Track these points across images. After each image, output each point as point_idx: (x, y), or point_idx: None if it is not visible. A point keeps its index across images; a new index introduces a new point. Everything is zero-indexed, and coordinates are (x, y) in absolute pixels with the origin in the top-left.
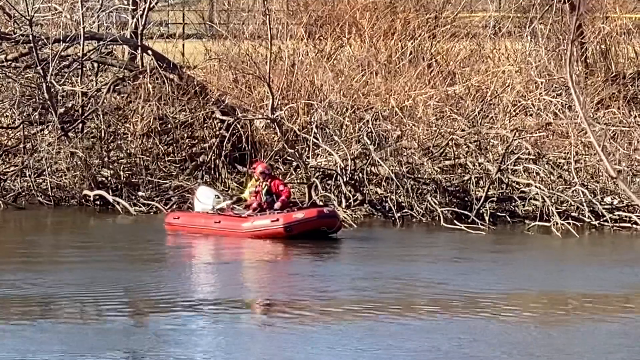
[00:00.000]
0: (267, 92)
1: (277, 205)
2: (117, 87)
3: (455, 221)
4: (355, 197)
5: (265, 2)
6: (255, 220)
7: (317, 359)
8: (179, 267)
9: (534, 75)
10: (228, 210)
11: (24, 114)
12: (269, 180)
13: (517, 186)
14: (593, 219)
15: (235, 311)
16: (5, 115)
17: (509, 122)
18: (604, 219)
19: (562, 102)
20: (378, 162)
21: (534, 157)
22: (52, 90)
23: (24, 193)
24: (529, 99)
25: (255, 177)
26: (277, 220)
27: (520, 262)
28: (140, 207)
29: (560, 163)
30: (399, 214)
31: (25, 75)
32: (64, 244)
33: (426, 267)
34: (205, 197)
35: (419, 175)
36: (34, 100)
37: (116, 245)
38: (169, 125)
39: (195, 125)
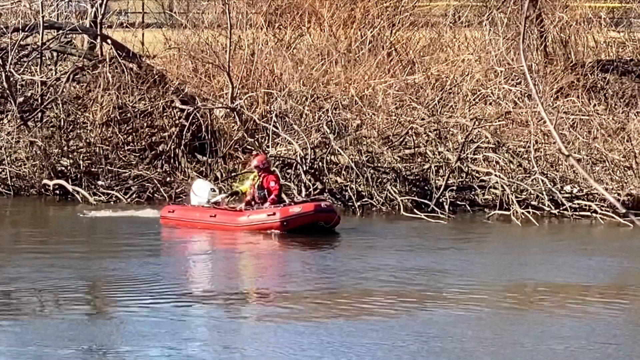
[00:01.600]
0: (227, 81)
1: (266, 205)
2: (76, 76)
3: (415, 210)
4: (315, 186)
5: None
6: (252, 214)
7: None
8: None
9: (493, 63)
10: (223, 204)
11: None
12: (263, 174)
13: (476, 175)
14: (553, 208)
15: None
16: None
17: (469, 110)
18: (564, 207)
19: (521, 91)
20: (338, 151)
21: (493, 146)
22: (11, 79)
23: None
24: (488, 87)
25: (255, 170)
26: (274, 214)
27: (480, 251)
28: (100, 196)
29: (519, 152)
30: (358, 203)
31: None
32: (24, 235)
33: (386, 256)
34: (200, 191)
35: (379, 164)
36: None
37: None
38: (129, 115)
39: (154, 115)
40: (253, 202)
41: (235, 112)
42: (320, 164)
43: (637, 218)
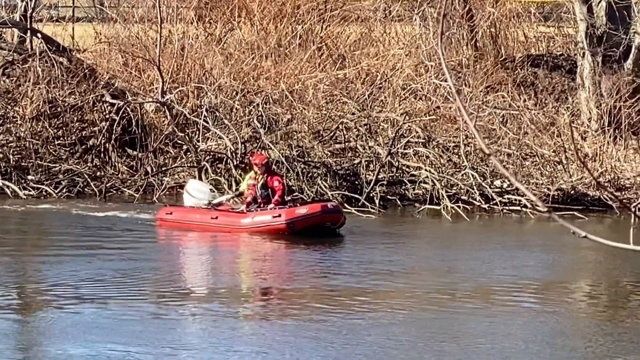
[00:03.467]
0: (157, 76)
1: (270, 206)
2: (6, 70)
3: (345, 204)
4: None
5: None
6: (256, 215)
7: None
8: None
9: (423, 58)
10: (227, 205)
11: None
12: (267, 174)
13: (407, 169)
14: (483, 202)
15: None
16: None
17: (399, 105)
18: (494, 202)
19: (457, 88)
20: (268, 145)
21: (424, 141)
22: None
23: None
24: (418, 82)
25: (255, 170)
26: (279, 215)
27: (410, 246)
28: (30, 190)
29: (450, 146)
30: (289, 198)
31: None
32: None
33: (313, 253)
34: (198, 192)
35: (309, 159)
36: None
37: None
38: (59, 109)
39: (85, 109)
40: (254, 203)
41: (165, 107)
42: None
43: (558, 214)
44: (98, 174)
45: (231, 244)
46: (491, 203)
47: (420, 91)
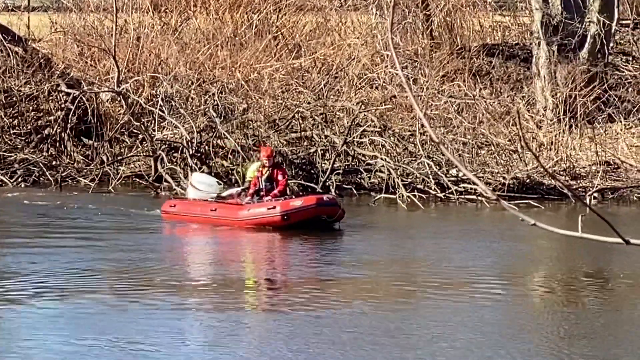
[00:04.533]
0: (113, 65)
1: (267, 198)
2: None
3: (301, 194)
4: (201, 170)
5: None
6: (252, 208)
7: None
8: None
9: (379, 47)
10: (236, 198)
11: None
12: (272, 167)
13: (363, 158)
14: (439, 191)
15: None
16: None
17: (355, 94)
18: (450, 191)
19: (407, 75)
20: (224, 134)
21: (379, 130)
22: None
23: None
24: (374, 71)
25: (263, 162)
26: (274, 207)
27: (365, 235)
28: None
29: (405, 135)
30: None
31: None
32: None
33: (266, 243)
34: (203, 185)
35: None
36: None
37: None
38: (14, 98)
39: (40, 98)
40: (256, 195)
41: (121, 96)
42: (206, 147)
43: (514, 203)
44: (54, 163)
45: (216, 235)
46: (447, 192)
47: (376, 80)
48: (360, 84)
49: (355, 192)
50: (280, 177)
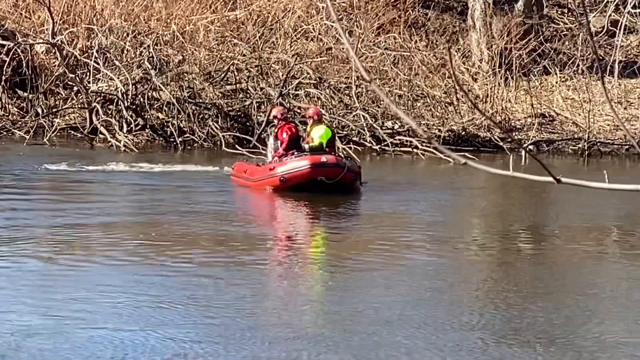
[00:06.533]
0: (48, 17)
1: (267, 159)
2: None
3: (237, 146)
4: (136, 122)
5: None
6: (259, 171)
7: None
8: None
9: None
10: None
11: None
12: (280, 125)
13: (297, 111)
14: (374, 144)
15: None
16: None
17: (290, 47)
18: (385, 143)
19: (342, 27)
20: (159, 87)
21: (315, 82)
22: None
23: None
24: (310, 23)
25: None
26: (274, 169)
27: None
28: None
29: (341, 88)
30: (180, 139)
31: None
32: None
33: (201, 194)
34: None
35: (200, 100)
36: None
37: None
38: None
39: None
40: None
41: (56, 48)
42: (141, 99)
43: (440, 146)
44: None
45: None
46: (382, 144)
47: (311, 32)
48: (295, 36)
49: None
50: (284, 135)
